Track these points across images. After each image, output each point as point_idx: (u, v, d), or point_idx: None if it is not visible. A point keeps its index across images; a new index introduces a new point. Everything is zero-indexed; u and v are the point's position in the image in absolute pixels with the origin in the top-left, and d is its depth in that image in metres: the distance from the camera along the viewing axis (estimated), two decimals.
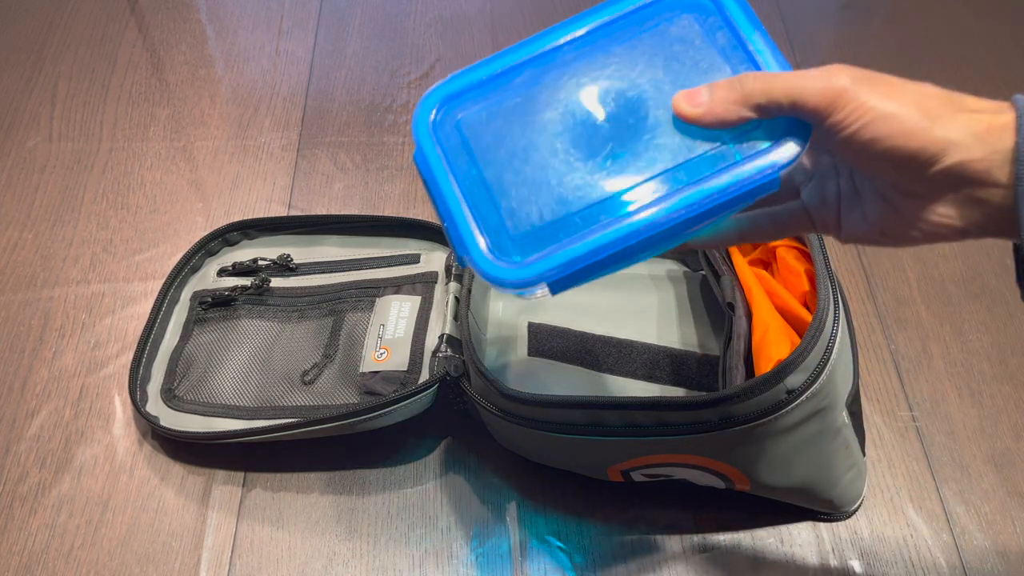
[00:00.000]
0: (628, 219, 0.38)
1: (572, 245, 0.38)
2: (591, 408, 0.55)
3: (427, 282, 0.70)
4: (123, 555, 0.61)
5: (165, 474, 0.65)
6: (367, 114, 0.91)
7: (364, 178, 0.85)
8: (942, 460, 0.65)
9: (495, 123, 0.41)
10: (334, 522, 0.63)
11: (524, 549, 0.61)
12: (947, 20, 1.00)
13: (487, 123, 0.41)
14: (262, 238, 0.76)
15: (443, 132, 0.41)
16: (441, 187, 0.40)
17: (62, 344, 0.72)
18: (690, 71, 0.40)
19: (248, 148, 0.88)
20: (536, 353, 0.66)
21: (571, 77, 0.41)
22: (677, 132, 0.39)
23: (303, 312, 0.71)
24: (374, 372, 0.65)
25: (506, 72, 0.41)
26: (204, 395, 0.66)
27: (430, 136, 0.42)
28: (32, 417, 0.68)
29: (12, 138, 0.89)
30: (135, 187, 0.84)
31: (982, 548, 0.61)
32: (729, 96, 0.38)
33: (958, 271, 0.77)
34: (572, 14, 0.42)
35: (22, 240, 0.80)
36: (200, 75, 0.95)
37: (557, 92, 0.40)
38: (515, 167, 0.40)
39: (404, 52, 0.97)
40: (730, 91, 0.38)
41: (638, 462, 0.58)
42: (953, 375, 0.70)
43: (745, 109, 0.38)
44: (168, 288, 0.72)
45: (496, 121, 0.41)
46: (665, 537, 0.61)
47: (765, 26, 0.41)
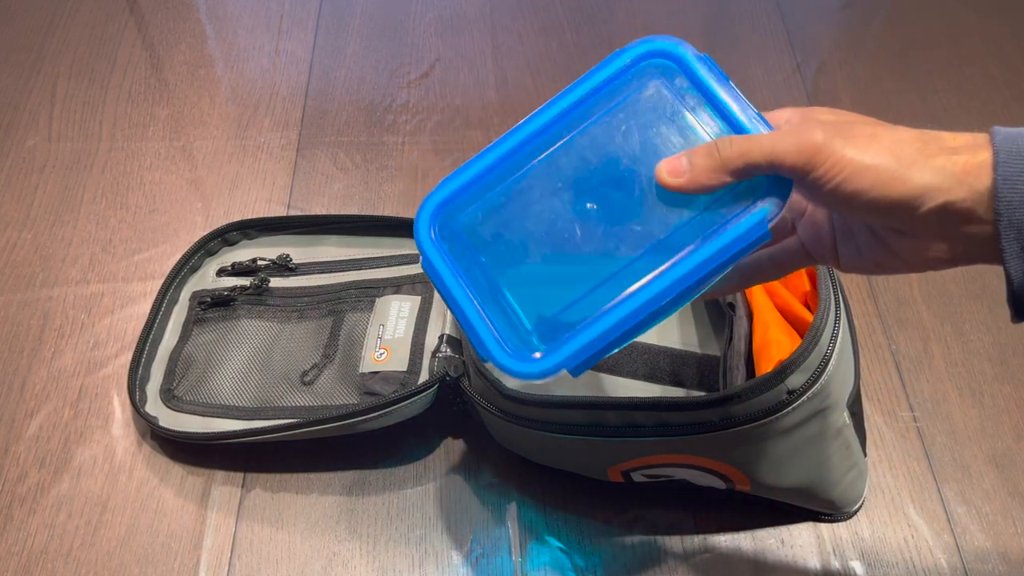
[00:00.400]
0: (634, 297, 0.39)
1: (584, 331, 0.39)
2: (591, 408, 0.55)
3: (427, 282, 0.70)
4: (122, 555, 0.61)
5: (164, 475, 0.65)
6: (367, 114, 0.91)
7: (364, 178, 0.85)
8: (943, 460, 0.65)
9: (492, 223, 0.42)
10: (334, 523, 0.63)
11: (524, 549, 0.61)
12: (947, 20, 1.00)
13: (484, 223, 0.42)
14: (261, 238, 0.76)
15: (445, 238, 0.43)
16: (453, 293, 0.42)
17: (61, 344, 0.72)
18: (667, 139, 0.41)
19: (247, 148, 0.88)
20: None
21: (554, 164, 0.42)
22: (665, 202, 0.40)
23: (303, 312, 0.71)
24: (374, 372, 0.65)
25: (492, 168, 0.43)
26: (203, 395, 0.66)
27: (433, 246, 0.43)
28: (31, 417, 0.68)
29: (11, 138, 0.89)
30: (134, 187, 0.84)
31: (983, 549, 0.61)
32: (708, 164, 0.39)
33: (959, 271, 0.77)
34: (571, 15, 0.42)
35: (21, 240, 0.80)
36: (199, 75, 0.95)
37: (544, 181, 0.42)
38: (518, 262, 0.41)
39: (404, 52, 0.97)
40: (708, 159, 0.39)
41: (638, 463, 0.58)
42: (954, 375, 0.70)
43: (725, 175, 0.39)
44: (167, 288, 0.72)
45: (492, 220, 0.42)
46: (665, 538, 0.61)
47: (765, 25, 0.41)
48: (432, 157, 0.87)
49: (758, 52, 0.95)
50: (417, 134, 0.89)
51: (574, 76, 0.43)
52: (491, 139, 0.87)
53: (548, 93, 0.92)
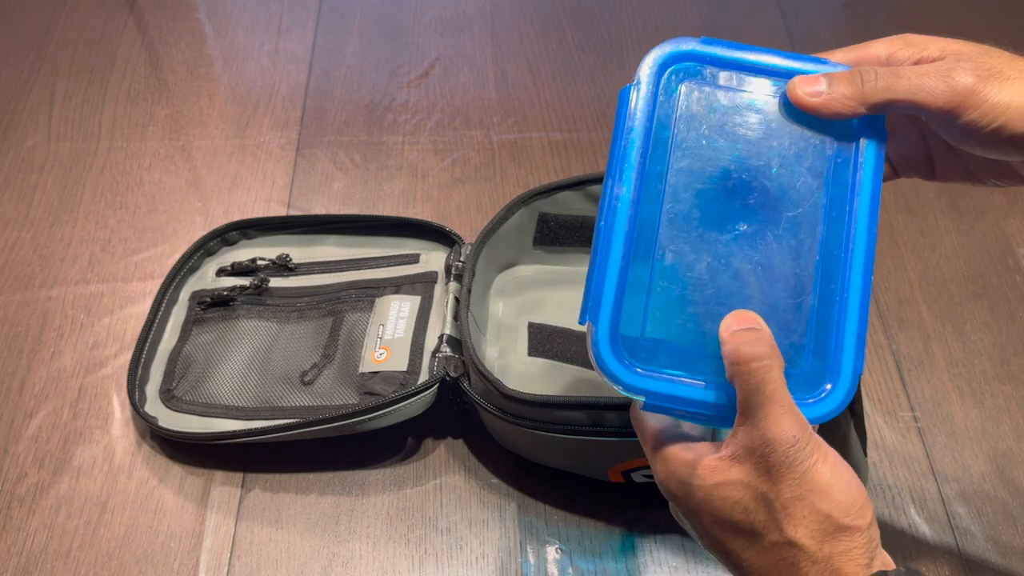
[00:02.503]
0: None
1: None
2: (591, 408, 0.55)
3: (427, 282, 0.70)
4: (122, 556, 0.61)
5: (164, 475, 0.65)
6: (366, 113, 0.91)
7: (364, 177, 0.85)
8: (943, 461, 0.65)
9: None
10: (333, 523, 0.63)
11: (524, 549, 0.61)
12: (947, 18, 1.00)
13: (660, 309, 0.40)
14: (261, 238, 0.76)
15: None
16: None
17: (60, 344, 0.72)
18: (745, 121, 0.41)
19: (247, 147, 0.88)
20: (536, 353, 0.65)
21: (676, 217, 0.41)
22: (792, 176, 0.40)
23: (302, 312, 0.71)
24: (373, 372, 0.64)
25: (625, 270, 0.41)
26: (203, 395, 0.66)
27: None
28: (30, 418, 0.68)
29: (10, 137, 0.89)
30: (134, 187, 0.84)
31: (984, 549, 0.61)
32: (848, 92, 0.38)
33: (960, 271, 0.77)
34: (571, 14, 0.42)
35: (20, 240, 0.80)
36: (199, 74, 0.95)
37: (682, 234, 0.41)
38: (692, 287, 0.40)
39: (404, 51, 0.97)
40: (850, 87, 0.38)
41: (639, 463, 0.58)
42: (955, 375, 0.70)
43: (861, 106, 0.38)
44: (167, 288, 0.72)
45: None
46: (665, 538, 0.61)
47: (766, 24, 0.41)
48: (432, 157, 0.87)
49: None
50: (417, 134, 0.89)
51: (574, 76, 0.43)
52: (491, 139, 0.88)
53: (548, 93, 0.92)
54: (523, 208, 0.68)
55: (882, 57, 0.40)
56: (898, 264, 0.77)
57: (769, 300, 0.40)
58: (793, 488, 0.36)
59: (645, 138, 0.41)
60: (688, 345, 0.39)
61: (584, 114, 0.90)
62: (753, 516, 0.37)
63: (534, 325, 0.67)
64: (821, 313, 0.39)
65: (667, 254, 0.40)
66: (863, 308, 0.39)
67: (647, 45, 0.99)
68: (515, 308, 0.69)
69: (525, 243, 0.71)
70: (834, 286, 0.39)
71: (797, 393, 0.39)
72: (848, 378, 0.39)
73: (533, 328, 0.67)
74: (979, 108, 0.36)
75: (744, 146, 0.41)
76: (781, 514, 0.37)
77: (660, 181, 0.41)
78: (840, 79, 0.38)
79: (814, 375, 0.39)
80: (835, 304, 0.39)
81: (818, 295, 0.40)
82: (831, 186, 0.40)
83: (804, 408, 0.38)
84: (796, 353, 0.39)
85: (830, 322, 0.39)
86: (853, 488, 0.37)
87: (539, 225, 0.70)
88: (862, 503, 0.37)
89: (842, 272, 0.40)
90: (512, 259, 0.71)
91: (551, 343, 0.66)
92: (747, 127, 0.41)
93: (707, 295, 0.40)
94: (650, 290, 0.40)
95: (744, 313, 0.39)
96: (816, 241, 0.40)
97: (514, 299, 0.70)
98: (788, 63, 0.42)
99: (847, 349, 0.39)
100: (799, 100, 0.39)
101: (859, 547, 0.37)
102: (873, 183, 0.40)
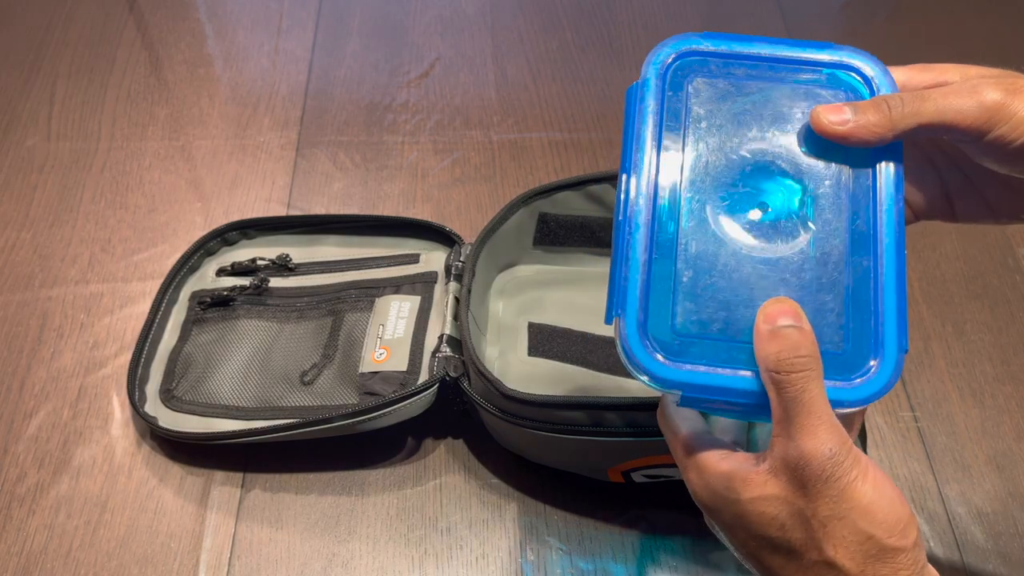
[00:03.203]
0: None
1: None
2: (591, 408, 0.55)
3: (427, 282, 0.70)
4: (122, 556, 0.61)
5: (164, 475, 0.65)
6: (366, 113, 0.91)
7: (363, 177, 0.85)
8: (944, 461, 0.65)
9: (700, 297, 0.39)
10: (333, 523, 0.63)
11: (524, 549, 0.61)
12: (948, 18, 1.00)
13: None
14: (261, 238, 0.76)
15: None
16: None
17: (60, 344, 0.72)
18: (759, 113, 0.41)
19: (247, 147, 0.88)
20: (536, 353, 0.65)
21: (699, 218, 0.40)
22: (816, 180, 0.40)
23: (302, 312, 0.71)
24: (373, 372, 0.64)
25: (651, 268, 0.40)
26: (203, 395, 0.66)
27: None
28: (30, 418, 0.68)
29: (10, 138, 0.89)
30: (134, 187, 0.84)
31: (984, 549, 0.61)
32: (875, 120, 0.38)
33: (960, 271, 0.77)
34: (571, 14, 0.42)
35: (20, 240, 0.80)
36: (199, 74, 0.95)
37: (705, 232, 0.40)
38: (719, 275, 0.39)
39: (404, 51, 0.97)
40: (877, 115, 0.38)
41: (639, 463, 0.58)
42: (955, 375, 0.70)
43: (889, 132, 0.38)
44: (166, 288, 0.72)
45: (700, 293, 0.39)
46: (666, 538, 0.61)
47: (766, 24, 0.41)
48: (432, 157, 0.87)
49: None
50: (417, 133, 0.89)
51: (574, 76, 0.43)
52: (491, 139, 0.88)
53: (548, 93, 0.92)
54: (523, 208, 0.68)
55: (899, 82, 0.40)
56: None
57: (800, 281, 0.39)
58: (831, 506, 0.35)
59: (656, 133, 0.41)
60: (721, 334, 0.38)
61: (584, 114, 0.90)
62: (790, 533, 0.36)
63: (534, 325, 0.67)
64: (857, 290, 0.38)
65: (691, 244, 0.39)
66: (900, 281, 0.38)
67: (647, 45, 1.00)
68: (515, 308, 0.69)
69: (525, 243, 0.71)
70: (867, 262, 0.38)
71: (840, 375, 0.37)
72: (893, 354, 0.37)
73: (533, 328, 0.67)
74: (1008, 122, 0.36)
75: (757, 132, 0.41)
76: (819, 533, 0.35)
77: (676, 173, 0.40)
78: (866, 108, 0.38)
79: (856, 355, 0.38)
80: (870, 280, 0.38)
81: (851, 272, 0.39)
82: (852, 162, 0.40)
83: (850, 390, 0.37)
84: (835, 333, 0.38)
85: (867, 298, 0.38)
86: (896, 506, 0.35)
87: (539, 225, 0.70)
88: (906, 522, 0.35)
89: (873, 246, 0.39)
90: (512, 259, 0.71)
91: (551, 343, 0.66)
92: (758, 113, 0.41)
93: (735, 281, 0.39)
94: (676, 282, 0.39)
95: (783, 303, 0.37)
96: (843, 219, 0.39)
97: (514, 299, 0.70)
98: (790, 52, 0.42)
99: (888, 324, 0.38)
100: (824, 129, 0.38)
101: (904, 569, 0.35)
102: (894, 157, 0.39)
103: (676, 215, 0.40)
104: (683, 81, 0.42)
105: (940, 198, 0.43)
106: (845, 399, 0.37)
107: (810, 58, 0.42)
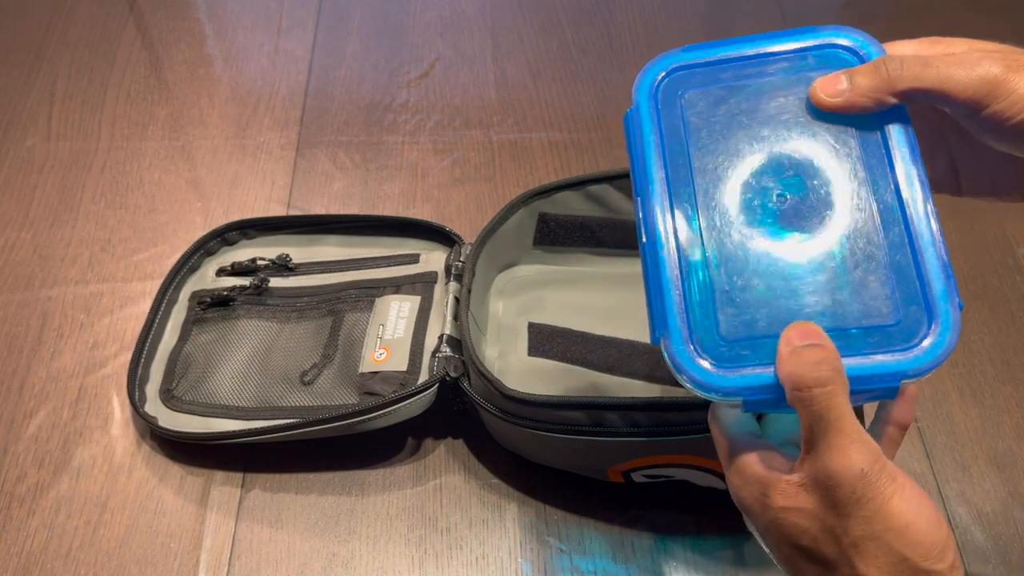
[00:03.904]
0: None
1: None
2: (591, 408, 0.55)
3: (427, 282, 0.70)
4: (121, 556, 0.61)
5: (164, 475, 0.65)
6: (366, 113, 0.91)
7: (363, 177, 0.85)
8: (944, 461, 0.65)
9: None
10: (333, 523, 0.63)
11: (524, 549, 0.61)
12: (948, 18, 1.00)
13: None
14: (261, 238, 0.76)
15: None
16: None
17: (60, 344, 0.72)
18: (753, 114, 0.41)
19: (247, 147, 0.88)
20: (536, 353, 0.65)
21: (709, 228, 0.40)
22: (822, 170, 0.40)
23: (302, 312, 0.71)
24: (373, 372, 0.64)
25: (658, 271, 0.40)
26: (203, 395, 0.66)
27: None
28: (30, 417, 0.68)
29: (10, 137, 0.89)
30: (133, 186, 0.84)
31: (984, 549, 0.61)
32: (871, 83, 0.37)
33: (960, 271, 0.77)
34: (571, 14, 0.42)
35: (20, 240, 0.80)
36: (199, 74, 0.95)
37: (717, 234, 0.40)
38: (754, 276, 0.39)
39: (404, 51, 0.97)
40: (873, 77, 0.37)
41: (639, 463, 0.58)
42: (955, 375, 0.70)
43: (887, 95, 0.37)
44: (166, 288, 0.72)
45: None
46: (665, 538, 0.61)
47: (767, 24, 0.41)
48: (432, 157, 0.87)
49: None
50: (417, 134, 0.89)
51: (574, 76, 0.43)
52: (491, 139, 0.88)
53: (548, 93, 0.92)
54: (523, 208, 0.68)
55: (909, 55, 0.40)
56: None
57: (834, 264, 0.38)
58: (864, 526, 0.34)
59: (660, 152, 0.41)
60: (768, 331, 0.38)
61: (584, 114, 0.90)
62: (822, 547, 0.35)
63: (534, 325, 0.67)
64: (895, 260, 0.38)
65: (718, 250, 0.39)
66: (937, 241, 0.37)
67: (647, 45, 1.00)
68: (515, 308, 0.69)
69: (525, 243, 0.71)
70: (899, 228, 0.38)
71: (898, 346, 0.36)
72: (947, 315, 0.36)
73: (533, 328, 0.67)
74: (1007, 98, 0.35)
75: (759, 128, 0.40)
76: (851, 551, 0.34)
77: (688, 187, 0.40)
78: (861, 72, 0.38)
79: (911, 323, 0.37)
80: (906, 247, 0.38)
81: (886, 243, 0.38)
82: (860, 137, 0.39)
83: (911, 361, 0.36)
84: (883, 306, 0.37)
85: (908, 265, 0.37)
86: (934, 527, 0.34)
87: (539, 225, 0.70)
88: (943, 544, 0.34)
89: (903, 213, 0.38)
90: (512, 259, 0.71)
91: (551, 343, 0.66)
92: (755, 110, 0.41)
93: (771, 276, 0.38)
94: (712, 290, 0.39)
95: (804, 325, 0.36)
96: (865, 192, 0.39)
97: (514, 299, 0.70)
98: (774, 45, 0.42)
99: (936, 286, 0.37)
100: (822, 103, 0.38)
101: None
102: (902, 118, 0.39)
103: (697, 226, 0.40)
104: (675, 97, 0.42)
105: (948, 172, 0.43)
106: (908, 369, 0.36)
107: (795, 47, 0.42)
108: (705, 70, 0.42)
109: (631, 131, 0.42)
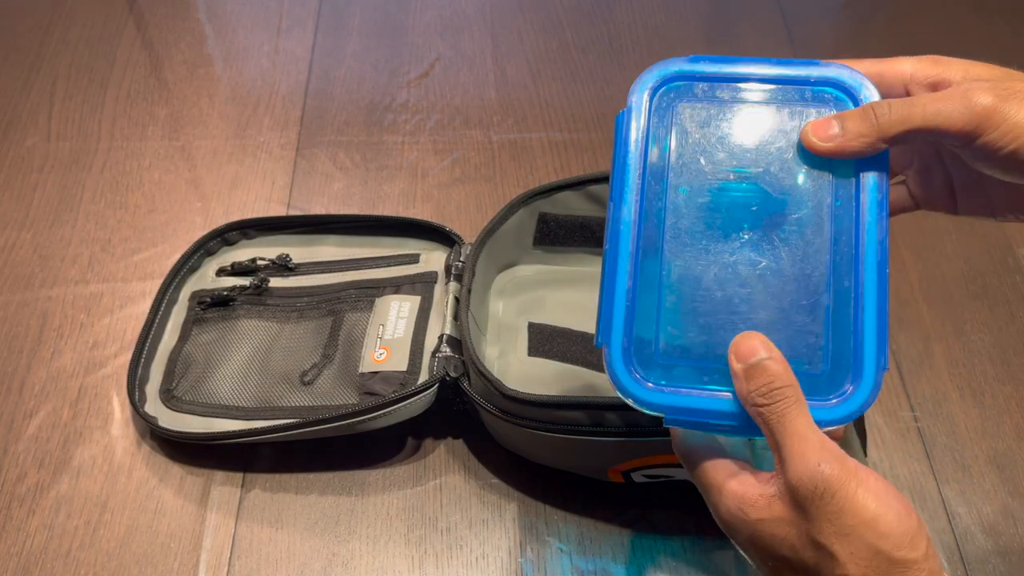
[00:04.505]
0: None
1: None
2: (591, 408, 0.55)
3: (427, 282, 0.70)
4: (121, 556, 0.61)
5: (164, 475, 0.65)
6: (366, 113, 0.91)
7: (363, 177, 0.85)
8: (944, 461, 0.65)
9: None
10: (333, 523, 0.63)
11: (524, 549, 0.61)
12: (948, 18, 1.00)
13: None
14: (261, 238, 0.76)
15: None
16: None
17: (60, 344, 0.72)
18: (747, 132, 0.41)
19: (247, 147, 0.88)
20: (536, 353, 0.65)
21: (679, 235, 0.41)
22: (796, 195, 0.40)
23: (302, 312, 0.71)
24: (373, 372, 0.64)
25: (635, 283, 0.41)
26: (203, 395, 0.66)
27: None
28: (30, 417, 0.68)
29: (10, 138, 0.88)
30: (133, 186, 0.84)
31: (984, 549, 0.61)
32: (862, 129, 0.37)
33: (960, 271, 0.77)
34: (571, 14, 0.42)
35: (20, 240, 0.80)
36: (199, 74, 0.95)
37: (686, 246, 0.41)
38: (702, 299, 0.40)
39: (404, 51, 0.97)
40: (864, 124, 0.37)
41: (639, 463, 0.58)
42: (955, 375, 0.70)
43: (879, 141, 0.37)
44: (166, 288, 0.72)
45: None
46: (666, 538, 0.61)
47: (766, 24, 0.41)
48: (432, 157, 0.87)
49: (759, 52, 0.95)
50: (417, 134, 0.89)
51: (574, 76, 0.43)
52: (491, 139, 0.88)
53: (548, 93, 0.92)
54: (523, 208, 0.68)
55: (907, 73, 0.40)
56: (898, 264, 0.77)
57: (782, 303, 0.39)
58: (834, 524, 0.35)
59: (643, 160, 0.42)
60: (704, 356, 0.39)
61: (584, 114, 0.90)
62: (802, 554, 0.36)
63: (534, 325, 0.67)
64: (837, 312, 0.39)
65: (673, 269, 0.40)
66: (881, 303, 0.39)
67: (647, 45, 1.00)
68: (515, 308, 0.69)
69: (525, 243, 0.71)
70: (848, 283, 0.39)
71: (819, 394, 0.38)
72: (871, 375, 0.38)
73: (533, 328, 0.67)
74: (998, 128, 0.35)
75: (741, 154, 0.41)
76: (828, 552, 0.35)
77: (661, 199, 0.41)
78: (852, 117, 0.38)
79: (835, 376, 0.39)
80: (851, 301, 0.39)
81: (832, 294, 0.39)
82: (835, 183, 0.40)
83: (828, 410, 0.38)
84: (814, 355, 0.39)
85: (847, 320, 0.39)
86: (903, 517, 0.35)
87: (539, 225, 0.70)
88: (914, 532, 0.35)
89: (855, 268, 0.39)
90: (512, 259, 0.71)
91: (551, 343, 0.66)
92: (742, 136, 0.41)
93: (717, 304, 0.39)
94: (660, 307, 0.40)
95: (752, 338, 0.38)
96: (825, 240, 0.40)
97: (514, 299, 0.70)
98: (778, 70, 0.42)
99: (868, 345, 0.38)
100: (813, 147, 0.39)
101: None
102: (878, 174, 0.39)
103: (660, 241, 0.41)
104: (669, 107, 0.42)
105: (944, 191, 0.43)
106: (824, 418, 0.38)
107: (795, 75, 0.42)
108: (704, 85, 0.42)
109: (619, 131, 0.42)
